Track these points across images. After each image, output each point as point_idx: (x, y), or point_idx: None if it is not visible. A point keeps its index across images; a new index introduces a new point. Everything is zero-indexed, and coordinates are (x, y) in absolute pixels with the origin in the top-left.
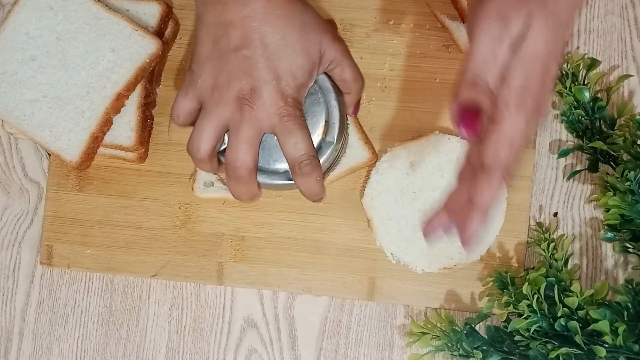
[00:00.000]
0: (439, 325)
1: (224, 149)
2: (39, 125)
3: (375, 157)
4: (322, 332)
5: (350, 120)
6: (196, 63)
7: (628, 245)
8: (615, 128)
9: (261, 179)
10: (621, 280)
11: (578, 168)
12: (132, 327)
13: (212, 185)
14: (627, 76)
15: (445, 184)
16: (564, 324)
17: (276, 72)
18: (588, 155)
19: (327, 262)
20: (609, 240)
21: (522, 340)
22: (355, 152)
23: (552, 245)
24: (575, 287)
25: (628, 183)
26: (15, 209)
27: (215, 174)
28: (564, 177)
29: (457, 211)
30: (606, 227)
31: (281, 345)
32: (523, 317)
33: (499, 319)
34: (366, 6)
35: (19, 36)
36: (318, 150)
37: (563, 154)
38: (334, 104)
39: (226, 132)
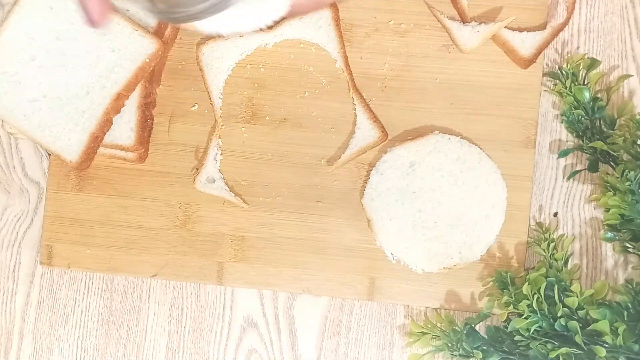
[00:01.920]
0: (439, 325)
1: None
2: (39, 125)
3: (385, 135)
4: (322, 332)
5: (356, 100)
6: None
7: (628, 245)
8: (615, 128)
9: None
10: (621, 280)
11: (578, 168)
12: (132, 327)
13: (214, 182)
14: (627, 76)
15: (445, 184)
16: (564, 324)
17: None
18: (588, 155)
19: (327, 262)
20: (609, 240)
21: (522, 340)
22: (365, 132)
23: (552, 245)
24: (575, 287)
25: (628, 183)
26: (15, 209)
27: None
28: (564, 177)
29: None
30: (606, 227)
31: (281, 345)
32: (523, 317)
33: (499, 319)
34: (366, 6)
35: (19, 36)
36: None
37: (563, 154)
38: None
39: None
